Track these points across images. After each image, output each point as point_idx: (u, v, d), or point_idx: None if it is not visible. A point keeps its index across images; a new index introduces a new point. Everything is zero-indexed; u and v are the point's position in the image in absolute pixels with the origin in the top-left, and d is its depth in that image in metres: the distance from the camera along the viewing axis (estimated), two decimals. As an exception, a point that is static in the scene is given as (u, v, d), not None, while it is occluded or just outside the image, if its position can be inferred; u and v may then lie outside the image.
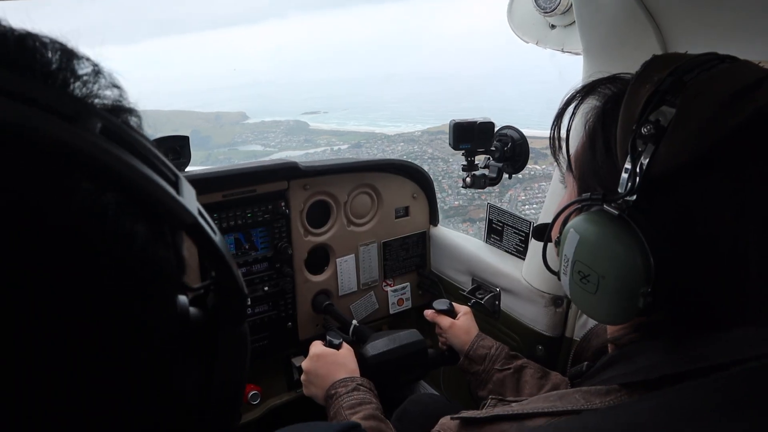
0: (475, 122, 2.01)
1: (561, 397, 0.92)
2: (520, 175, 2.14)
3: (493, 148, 2.07)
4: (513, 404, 1.03)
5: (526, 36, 2.08)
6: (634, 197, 0.81)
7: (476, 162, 2.10)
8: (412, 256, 2.59)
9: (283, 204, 2.15)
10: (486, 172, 2.12)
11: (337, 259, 2.38)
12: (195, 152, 2.08)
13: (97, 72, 0.44)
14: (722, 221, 0.77)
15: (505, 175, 2.13)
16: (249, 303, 2.13)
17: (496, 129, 2.08)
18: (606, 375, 0.92)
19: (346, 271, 2.41)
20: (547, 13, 1.91)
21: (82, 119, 0.36)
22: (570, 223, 0.89)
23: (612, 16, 1.61)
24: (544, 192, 2.02)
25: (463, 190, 2.10)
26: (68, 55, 0.42)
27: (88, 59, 0.44)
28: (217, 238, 0.45)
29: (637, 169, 0.79)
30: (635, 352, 0.89)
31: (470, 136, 2.02)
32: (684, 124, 0.76)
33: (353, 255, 2.42)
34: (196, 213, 0.42)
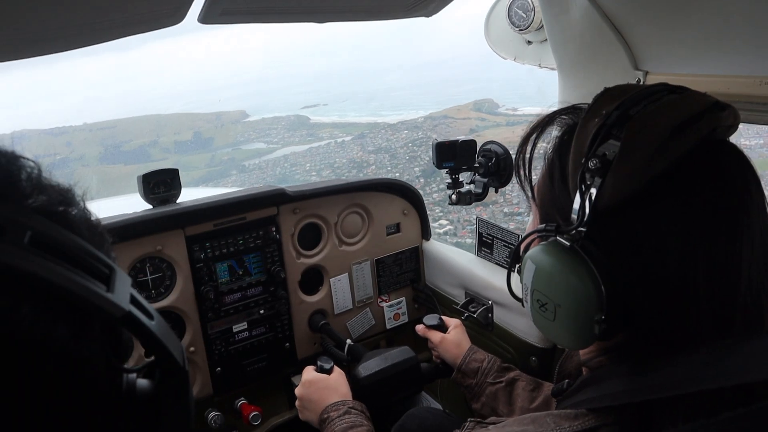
0: (456, 141, 2.04)
1: (533, 421, 0.95)
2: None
3: (477, 165, 2.09)
4: (490, 427, 1.06)
5: (504, 52, 2.10)
6: (585, 229, 0.84)
7: (461, 179, 2.12)
8: (405, 271, 2.62)
9: (273, 229, 2.19)
10: (472, 188, 2.15)
11: (331, 279, 2.42)
12: (198, 155, 2.13)
13: (38, 174, 0.48)
14: (669, 247, 0.80)
15: (491, 190, 2.15)
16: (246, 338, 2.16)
17: (479, 145, 2.11)
18: (577, 398, 0.95)
19: (340, 290, 2.44)
20: (521, 30, 1.94)
21: (9, 232, 0.40)
22: (528, 254, 0.92)
23: (581, 33, 1.63)
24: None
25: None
26: (10, 162, 0.46)
27: (30, 161, 0.48)
28: (152, 323, 0.48)
29: (586, 202, 0.82)
30: (603, 376, 0.92)
31: (453, 154, 2.04)
32: (628, 158, 0.79)
33: (346, 274, 2.46)
34: (126, 305, 0.45)
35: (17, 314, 0.39)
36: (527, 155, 1.03)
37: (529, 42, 2.01)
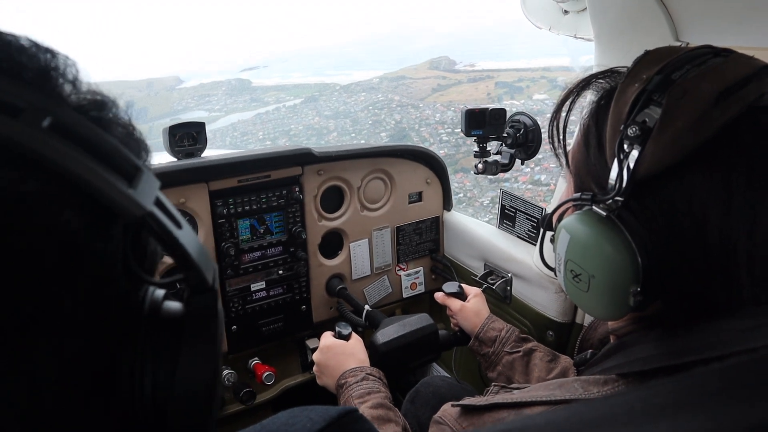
0: (486, 109, 2.02)
1: (560, 386, 0.94)
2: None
3: (505, 135, 2.07)
4: (515, 391, 1.04)
5: (539, 22, 2.07)
6: (622, 198, 0.82)
7: (488, 148, 2.11)
8: (425, 240, 2.62)
9: (297, 189, 2.19)
10: (498, 158, 2.13)
11: (351, 244, 2.42)
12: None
13: (76, 73, 0.45)
14: (710, 217, 0.77)
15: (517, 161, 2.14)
16: (259, 294, 2.16)
17: (508, 115, 2.09)
18: (606, 365, 0.94)
19: (359, 255, 2.44)
20: (559, -2, 1.90)
21: (27, 114, 0.38)
22: (562, 223, 0.90)
23: (623, 1, 1.60)
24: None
25: (445, 137, 2.10)
26: (46, 55, 0.44)
27: (69, 59, 0.46)
28: (180, 232, 0.45)
29: (624, 171, 0.80)
30: (633, 342, 0.90)
31: (482, 122, 2.02)
32: (669, 126, 0.76)
33: (366, 239, 2.46)
34: (149, 205, 0.42)
35: (23, 187, 0.37)
36: (561, 121, 1.00)
37: (566, 11, 1.98)
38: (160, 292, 0.50)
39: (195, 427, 0.47)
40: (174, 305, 0.49)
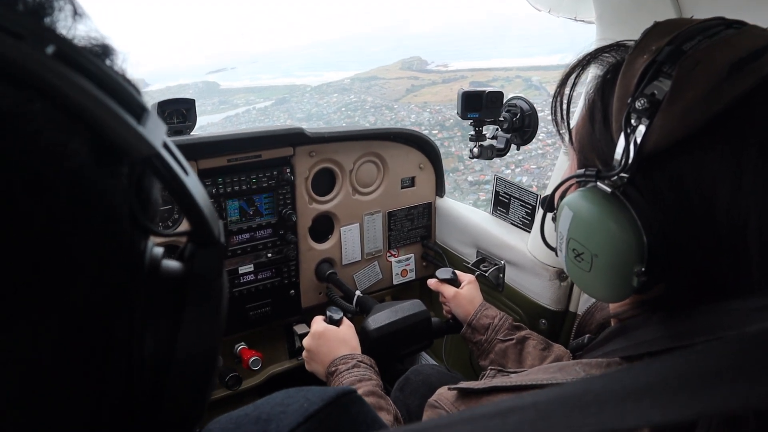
0: (483, 91, 1.98)
1: (561, 369, 0.90)
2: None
3: (501, 119, 2.03)
4: (512, 375, 1.01)
5: (539, 4, 2.03)
6: (628, 174, 0.78)
7: (484, 132, 2.07)
8: (417, 227, 2.58)
9: (288, 170, 2.14)
10: (494, 142, 2.09)
11: (342, 228, 2.38)
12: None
13: (75, 11, 0.41)
14: (720, 193, 0.74)
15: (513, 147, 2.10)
16: (254, 268, 2.11)
17: (505, 99, 2.05)
18: (607, 348, 0.91)
19: (350, 240, 2.40)
20: (561, -21, 1.86)
21: (31, 38, 0.34)
22: (565, 200, 0.87)
23: (627, -19, 1.57)
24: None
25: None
26: None
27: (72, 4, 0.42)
28: (188, 178, 0.41)
29: (631, 145, 0.77)
30: (636, 325, 0.87)
31: (479, 105, 1.98)
32: (680, 98, 0.73)
33: (358, 224, 2.41)
34: (158, 145, 0.38)
35: (29, 107, 0.33)
36: (565, 97, 0.97)
37: (567, -7, 1.94)
38: (159, 249, 0.45)
39: (194, 394, 0.44)
40: (173, 263, 0.45)
